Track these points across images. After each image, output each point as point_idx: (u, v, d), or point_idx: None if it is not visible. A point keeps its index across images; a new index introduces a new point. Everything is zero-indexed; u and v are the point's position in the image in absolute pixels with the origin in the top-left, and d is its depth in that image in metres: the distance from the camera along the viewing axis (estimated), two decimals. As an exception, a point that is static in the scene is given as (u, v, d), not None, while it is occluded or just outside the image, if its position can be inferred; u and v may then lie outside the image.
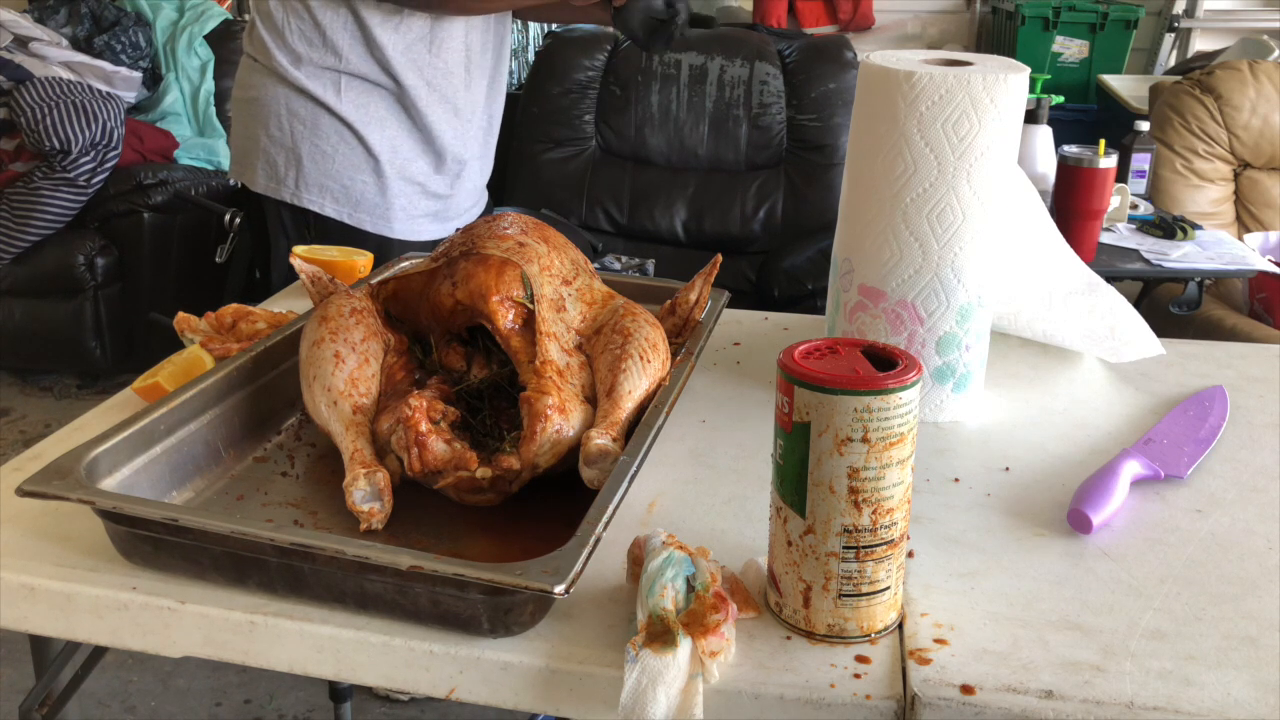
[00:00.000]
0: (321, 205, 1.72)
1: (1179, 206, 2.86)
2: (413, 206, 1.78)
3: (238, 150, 1.79)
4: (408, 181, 1.76)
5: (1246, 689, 0.68)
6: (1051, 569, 0.81)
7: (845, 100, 2.86)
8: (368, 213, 1.74)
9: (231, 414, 0.94)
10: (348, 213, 1.73)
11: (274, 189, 1.73)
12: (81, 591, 0.77)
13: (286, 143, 1.71)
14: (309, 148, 1.70)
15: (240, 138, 1.78)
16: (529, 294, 0.94)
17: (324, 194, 1.72)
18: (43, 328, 3.27)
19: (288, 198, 1.72)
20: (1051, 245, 1.21)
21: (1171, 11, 4.62)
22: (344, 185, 1.72)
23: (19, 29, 3.42)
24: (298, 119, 1.70)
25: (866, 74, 1.01)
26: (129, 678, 2.13)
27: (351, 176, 1.72)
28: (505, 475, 0.84)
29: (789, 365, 0.70)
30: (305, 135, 1.70)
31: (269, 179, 1.73)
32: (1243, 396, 1.12)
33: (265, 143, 1.72)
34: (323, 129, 1.70)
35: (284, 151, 1.71)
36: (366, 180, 1.73)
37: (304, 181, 1.71)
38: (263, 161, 1.73)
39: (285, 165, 1.72)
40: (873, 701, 0.67)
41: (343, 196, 1.73)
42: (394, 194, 1.75)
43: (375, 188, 1.74)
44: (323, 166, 1.71)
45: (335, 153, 1.71)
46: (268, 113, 1.72)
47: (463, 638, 0.72)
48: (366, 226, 1.74)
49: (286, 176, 1.72)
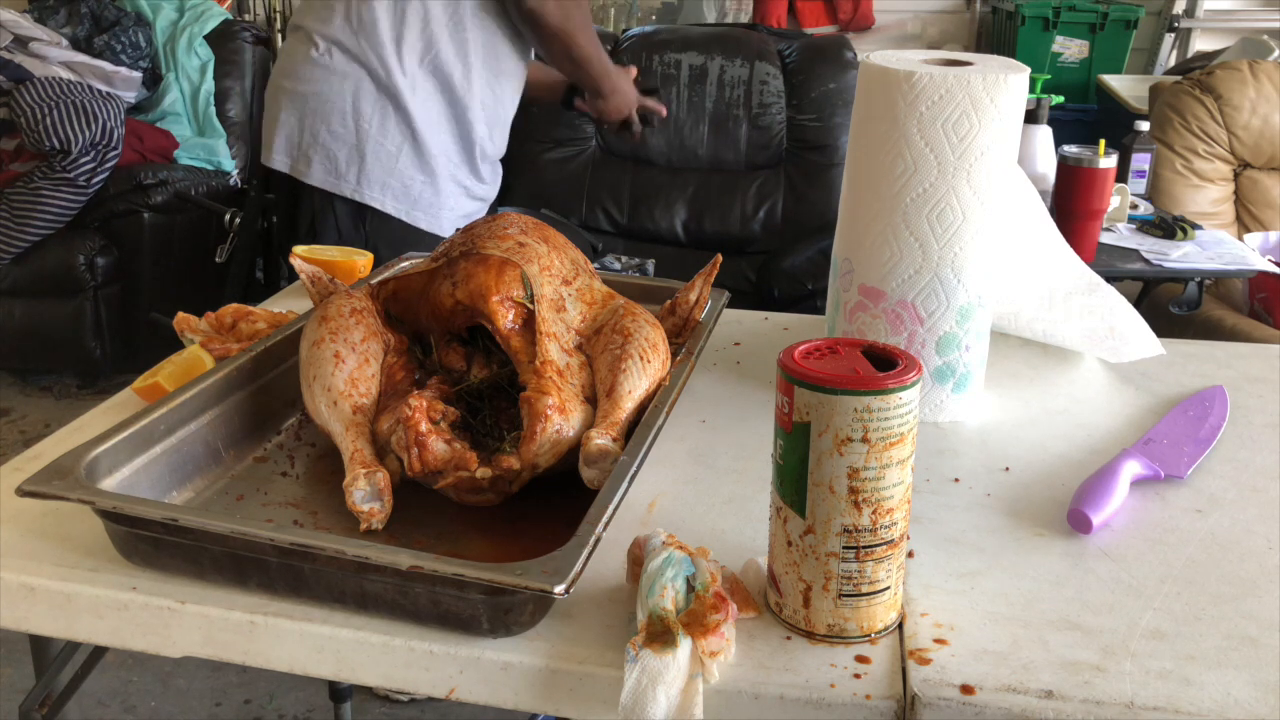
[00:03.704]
0: (382, 202, 1.80)
1: (1179, 206, 2.86)
2: (460, 207, 1.88)
3: (287, 141, 1.82)
4: (456, 184, 1.86)
5: (1246, 689, 0.68)
6: (1051, 569, 0.81)
7: (845, 100, 2.85)
8: (423, 211, 1.83)
9: (231, 414, 0.94)
10: (405, 210, 1.81)
11: (333, 184, 1.79)
12: (81, 591, 0.77)
13: (350, 140, 1.77)
14: (374, 146, 1.77)
15: (291, 129, 1.81)
16: (529, 294, 0.94)
17: (385, 191, 1.80)
18: (43, 328, 3.27)
19: (348, 193, 1.79)
20: (1051, 245, 1.21)
21: (1171, 11, 4.62)
22: (404, 184, 1.80)
23: (19, 29, 3.42)
24: (364, 118, 1.77)
25: (866, 74, 1.01)
26: (129, 678, 2.13)
27: (411, 176, 1.80)
28: (505, 475, 0.84)
29: (789, 365, 0.70)
30: (371, 134, 1.77)
31: (328, 173, 1.79)
32: (1243, 396, 1.12)
33: (326, 138, 1.78)
34: (389, 129, 1.77)
35: (346, 148, 1.78)
36: (423, 180, 1.82)
37: (366, 178, 1.78)
38: (321, 156, 1.79)
39: (347, 162, 1.78)
40: (873, 701, 0.67)
41: (402, 195, 1.81)
42: (445, 195, 1.84)
43: (431, 188, 1.83)
44: (386, 165, 1.78)
45: (399, 152, 1.79)
46: (331, 108, 1.77)
47: (463, 638, 0.72)
48: (422, 225, 1.83)
49: (348, 172, 1.79)
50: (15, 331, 3.27)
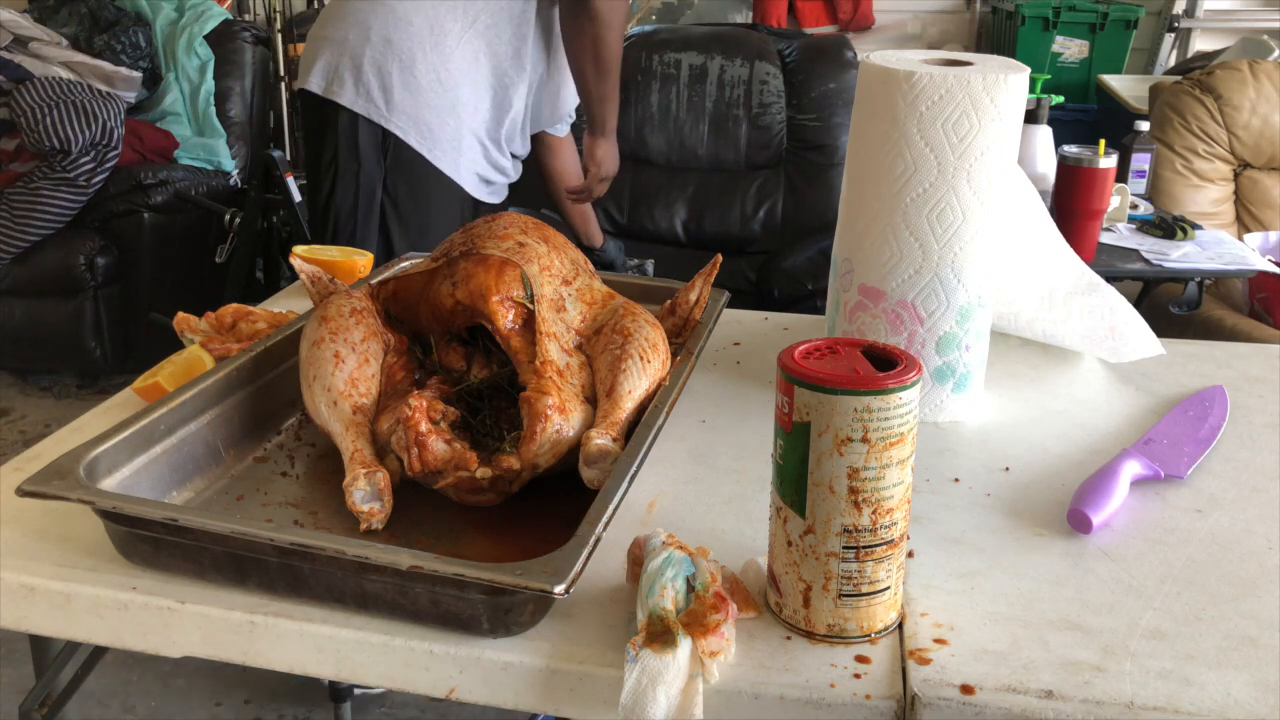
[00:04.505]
0: (406, 132, 1.82)
1: (1179, 206, 2.86)
2: (477, 165, 1.91)
3: (325, 66, 1.84)
4: (477, 140, 1.89)
5: (1246, 689, 0.68)
6: (1051, 569, 0.81)
7: (845, 100, 2.85)
8: (444, 152, 1.85)
9: (231, 414, 0.94)
10: (427, 147, 1.84)
11: (363, 105, 1.81)
12: (81, 591, 0.77)
13: (387, 66, 1.80)
14: (407, 77, 1.80)
15: (330, 57, 1.84)
16: (529, 294, 0.94)
17: (410, 121, 1.82)
18: (43, 328, 3.27)
19: (375, 117, 1.81)
20: (1051, 245, 1.21)
21: (1171, 11, 4.62)
22: (429, 122, 1.83)
23: (19, 29, 3.42)
24: (401, 49, 1.79)
25: (866, 74, 1.01)
26: (129, 678, 2.13)
27: (438, 115, 1.83)
28: (505, 475, 0.84)
29: (789, 365, 0.70)
30: (406, 66, 1.80)
31: (358, 95, 1.81)
32: (1243, 396, 1.12)
33: (364, 61, 1.80)
34: (426, 64, 1.80)
35: (381, 74, 1.80)
36: (450, 125, 1.84)
37: (394, 107, 1.81)
38: (354, 78, 1.81)
39: (381, 88, 1.80)
40: (873, 701, 0.67)
41: (426, 131, 1.83)
42: (466, 146, 1.87)
43: (454, 133, 1.85)
44: (415, 97, 1.81)
45: (431, 89, 1.81)
46: (371, 34, 1.80)
47: (463, 638, 0.72)
48: (443, 166, 1.85)
49: (378, 97, 1.81)
50: (15, 331, 3.27)
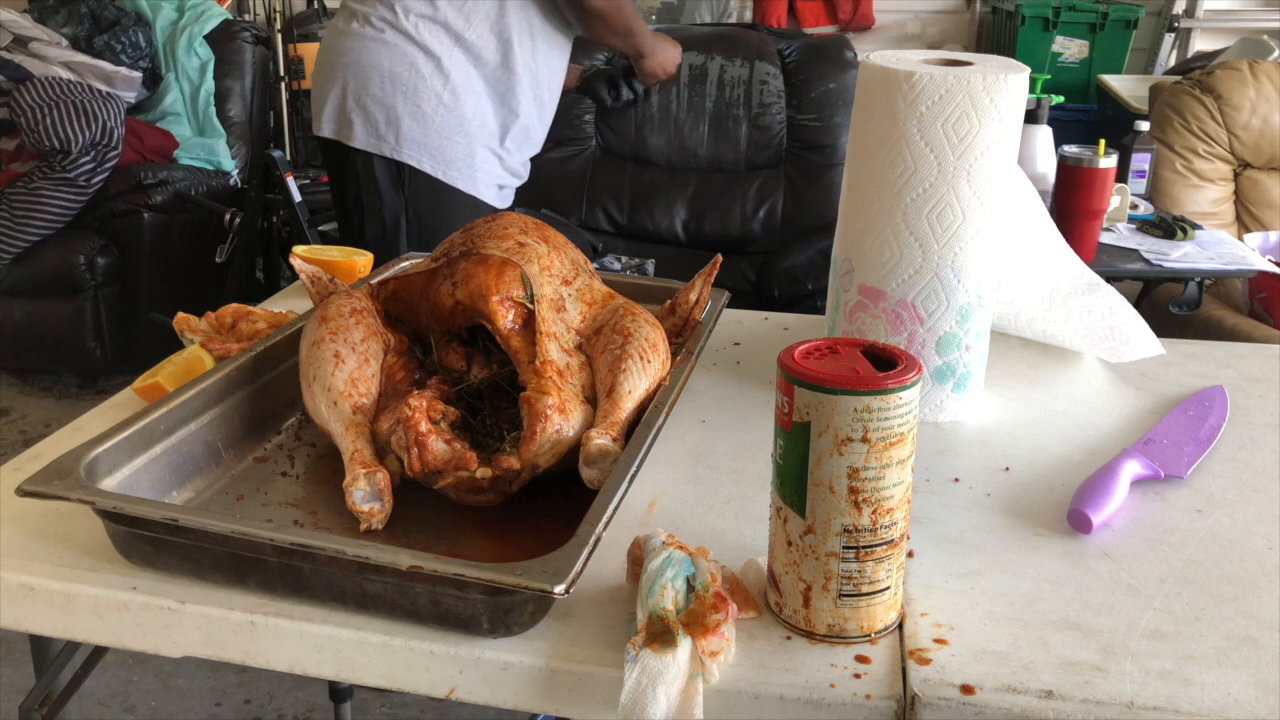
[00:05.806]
0: (420, 161, 1.88)
1: (1179, 206, 2.86)
2: (494, 174, 1.96)
3: (333, 108, 1.92)
4: (489, 151, 1.94)
5: (1246, 689, 0.68)
6: (1051, 569, 0.81)
7: (845, 100, 2.85)
8: (459, 172, 1.91)
9: (231, 414, 0.94)
10: (442, 170, 1.89)
11: (374, 144, 1.89)
12: (81, 591, 0.77)
13: (389, 101, 1.87)
14: (411, 107, 1.86)
15: (336, 97, 1.91)
16: (529, 294, 0.94)
17: (422, 151, 1.88)
18: (43, 328, 3.27)
19: (387, 153, 1.88)
20: (1051, 245, 1.21)
21: (1171, 11, 4.62)
22: (440, 145, 1.88)
23: (19, 29, 3.42)
24: (401, 80, 1.86)
25: (866, 74, 1.01)
26: (129, 678, 2.13)
27: (448, 138, 1.88)
28: (505, 475, 0.84)
29: (789, 365, 0.70)
30: (408, 95, 1.86)
31: (369, 135, 1.88)
32: (1243, 396, 1.12)
33: (367, 101, 1.88)
34: (426, 91, 1.86)
35: (385, 110, 1.87)
36: (460, 144, 1.90)
37: (403, 138, 1.87)
38: (362, 119, 1.88)
39: (386, 123, 1.87)
40: (873, 701, 0.67)
41: (439, 155, 1.89)
42: (480, 160, 1.92)
43: (465, 151, 1.90)
44: (423, 125, 1.87)
45: (435, 114, 1.87)
46: (371, 72, 1.87)
47: (463, 638, 0.72)
48: (459, 185, 1.91)
49: (387, 133, 1.88)
50: (15, 331, 3.27)
